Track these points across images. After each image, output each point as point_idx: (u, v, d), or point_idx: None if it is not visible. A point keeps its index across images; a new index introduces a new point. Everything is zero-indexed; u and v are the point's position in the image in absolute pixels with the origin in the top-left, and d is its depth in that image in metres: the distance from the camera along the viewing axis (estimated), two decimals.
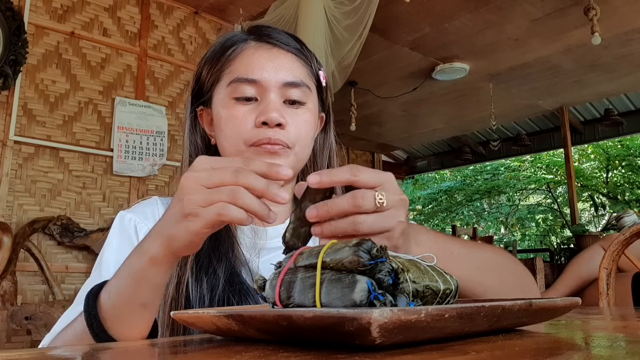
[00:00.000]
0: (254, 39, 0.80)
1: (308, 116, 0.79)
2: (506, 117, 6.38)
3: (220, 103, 0.79)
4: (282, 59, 0.79)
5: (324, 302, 0.41)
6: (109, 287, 0.60)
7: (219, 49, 0.82)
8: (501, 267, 0.72)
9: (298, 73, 0.79)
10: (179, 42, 3.73)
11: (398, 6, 3.52)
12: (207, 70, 0.82)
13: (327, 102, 0.88)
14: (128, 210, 0.81)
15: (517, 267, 0.75)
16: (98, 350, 0.46)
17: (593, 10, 3.36)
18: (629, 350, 0.36)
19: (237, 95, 0.77)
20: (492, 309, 0.39)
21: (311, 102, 0.81)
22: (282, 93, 0.77)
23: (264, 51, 0.79)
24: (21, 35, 2.96)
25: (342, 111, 5.03)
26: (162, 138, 3.45)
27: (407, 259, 0.46)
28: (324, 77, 0.85)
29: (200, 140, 0.84)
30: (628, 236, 1.42)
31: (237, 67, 0.78)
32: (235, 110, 0.76)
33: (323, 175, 0.50)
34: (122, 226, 0.78)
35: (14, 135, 2.94)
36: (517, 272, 0.74)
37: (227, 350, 0.39)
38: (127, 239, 0.77)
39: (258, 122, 0.74)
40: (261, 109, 0.75)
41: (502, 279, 0.71)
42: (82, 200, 3.18)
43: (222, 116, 0.78)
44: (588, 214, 11.10)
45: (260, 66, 0.77)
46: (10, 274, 2.59)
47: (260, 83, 0.76)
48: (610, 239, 2.22)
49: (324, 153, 0.89)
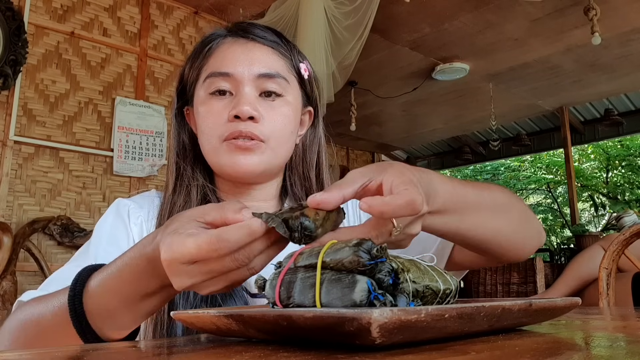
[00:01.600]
0: (231, 35, 0.81)
1: (285, 109, 0.78)
2: (506, 117, 6.38)
3: (199, 100, 0.79)
4: (257, 52, 0.78)
5: (324, 302, 0.41)
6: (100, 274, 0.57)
7: (199, 47, 0.82)
8: (508, 207, 0.69)
9: (274, 65, 0.78)
10: (179, 42, 3.73)
11: (398, 6, 3.51)
12: (189, 68, 0.82)
13: (313, 96, 0.87)
14: (125, 199, 0.82)
15: (519, 204, 0.73)
16: (97, 350, 0.46)
17: (593, 10, 3.36)
18: (629, 350, 0.36)
19: (212, 90, 0.77)
20: (492, 309, 0.39)
21: (290, 95, 0.80)
22: (256, 85, 0.76)
23: (239, 45, 0.79)
24: (21, 35, 2.95)
25: (342, 111, 5.03)
26: (161, 139, 3.45)
27: (407, 259, 0.47)
28: (305, 69, 0.84)
29: (188, 140, 0.84)
30: (628, 236, 1.42)
31: (212, 62, 0.78)
32: (211, 106, 0.76)
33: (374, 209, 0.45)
34: (118, 210, 0.79)
35: (14, 135, 2.94)
36: (520, 209, 0.72)
37: (227, 350, 0.39)
38: (120, 221, 0.78)
39: (230, 115, 0.74)
40: (234, 102, 0.75)
41: (508, 218, 0.69)
42: (82, 200, 3.18)
43: (200, 112, 0.78)
44: (588, 214, 11.09)
45: (234, 59, 0.77)
46: (10, 274, 2.59)
47: (233, 76, 0.76)
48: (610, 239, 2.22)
49: (313, 148, 0.88)
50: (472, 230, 0.63)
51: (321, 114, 0.90)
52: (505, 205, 0.68)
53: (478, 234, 0.64)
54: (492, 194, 0.67)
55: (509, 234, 0.68)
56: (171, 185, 0.80)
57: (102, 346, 0.50)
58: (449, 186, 0.59)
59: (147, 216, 0.80)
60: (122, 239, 0.76)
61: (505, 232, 0.67)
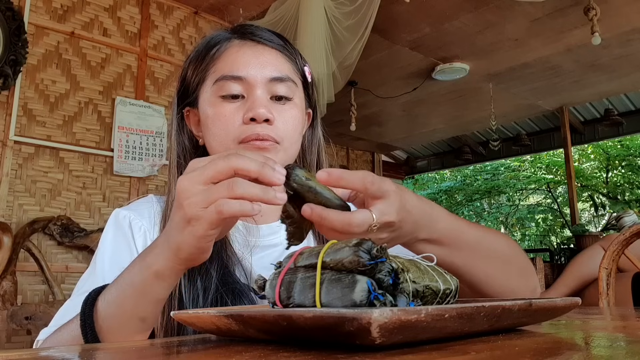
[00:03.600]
0: (238, 37, 0.81)
1: (295, 111, 0.79)
2: (506, 117, 6.38)
3: (207, 102, 0.78)
4: (267, 55, 0.79)
5: (324, 302, 0.41)
6: (107, 296, 0.60)
7: (202, 49, 0.81)
8: (508, 257, 0.71)
9: (283, 68, 0.79)
10: (179, 42, 3.73)
11: (398, 6, 3.52)
12: (192, 70, 0.82)
13: (313, 98, 0.88)
14: (123, 208, 0.81)
15: (520, 257, 0.74)
16: (97, 349, 0.46)
17: (593, 10, 3.36)
18: (629, 350, 0.36)
19: (224, 93, 0.76)
20: (492, 309, 0.39)
21: (297, 98, 0.81)
22: (268, 89, 0.77)
23: (248, 48, 0.79)
24: (21, 35, 2.95)
25: (342, 111, 5.03)
26: (161, 139, 3.45)
27: (407, 259, 0.47)
28: (309, 72, 0.86)
29: (187, 142, 0.84)
30: (628, 236, 1.42)
31: (222, 66, 0.78)
32: (223, 109, 0.76)
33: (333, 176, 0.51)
34: (117, 223, 0.78)
35: (14, 135, 2.94)
36: (520, 263, 0.73)
37: (227, 350, 0.39)
38: (121, 235, 0.77)
39: (246, 118, 0.74)
40: (248, 105, 0.75)
41: (506, 269, 0.70)
42: (82, 200, 3.18)
43: (209, 115, 0.77)
44: (588, 214, 11.10)
45: (246, 63, 0.77)
46: (10, 274, 2.59)
47: (246, 80, 0.76)
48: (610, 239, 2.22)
49: (313, 149, 0.89)
50: (464, 267, 0.65)
51: (320, 115, 0.91)
52: (506, 255, 0.70)
53: (471, 272, 0.66)
54: (494, 240, 0.69)
55: (502, 282, 0.69)
56: (174, 187, 0.80)
57: (101, 346, 0.50)
58: (451, 221, 0.62)
59: (150, 224, 0.79)
60: (125, 253, 0.75)
61: (498, 280, 0.68)
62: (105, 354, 0.43)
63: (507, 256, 0.71)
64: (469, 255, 0.64)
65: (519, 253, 0.73)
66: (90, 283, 0.71)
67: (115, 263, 0.72)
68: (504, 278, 0.69)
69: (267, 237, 0.80)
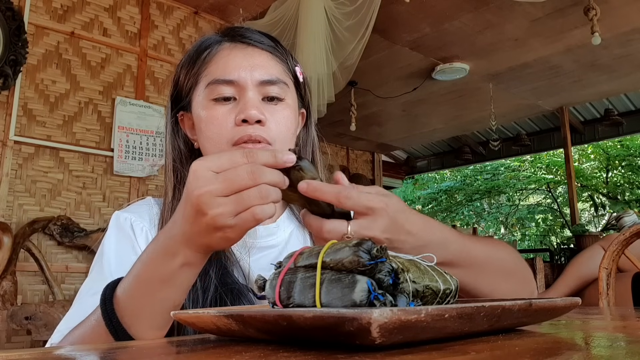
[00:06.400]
0: (228, 40, 0.81)
1: (287, 112, 0.80)
2: (506, 117, 6.38)
3: (200, 106, 0.79)
4: (257, 58, 0.79)
5: (324, 302, 0.41)
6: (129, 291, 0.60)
7: (194, 53, 0.82)
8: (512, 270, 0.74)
9: (274, 71, 0.80)
10: (179, 42, 3.73)
11: (398, 6, 3.51)
12: (185, 74, 0.82)
13: (306, 98, 0.89)
14: (122, 210, 0.82)
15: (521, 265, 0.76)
16: (97, 349, 0.46)
17: (593, 10, 3.36)
18: (629, 350, 0.36)
19: (216, 97, 0.77)
20: (492, 309, 0.39)
21: (290, 98, 0.81)
22: (259, 91, 0.78)
23: (239, 51, 0.79)
24: (21, 35, 2.95)
25: (342, 111, 5.03)
26: (161, 139, 3.44)
27: (407, 259, 0.47)
28: (300, 73, 0.86)
29: (183, 145, 0.84)
30: (628, 236, 1.42)
31: (213, 69, 0.78)
32: (215, 111, 0.77)
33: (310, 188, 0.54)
34: (119, 225, 0.79)
35: (14, 135, 2.94)
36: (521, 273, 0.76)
37: (227, 350, 0.39)
38: (124, 237, 0.78)
39: (238, 120, 0.75)
40: (240, 107, 0.76)
41: (510, 282, 0.72)
42: (82, 200, 3.18)
43: (202, 118, 0.78)
44: (588, 214, 11.10)
45: (236, 66, 0.77)
46: (10, 274, 2.59)
47: (237, 83, 0.77)
48: (610, 239, 2.22)
49: (307, 149, 0.90)
50: (472, 284, 0.67)
51: (313, 114, 0.92)
52: (509, 266, 0.73)
53: (477, 288, 0.68)
54: (498, 253, 0.71)
55: (505, 293, 0.72)
56: (170, 191, 0.80)
57: (101, 346, 0.50)
58: (460, 241, 0.64)
59: (150, 225, 0.79)
60: (130, 255, 0.75)
61: (502, 290, 0.71)
62: (105, 353, 0.43)
63: (509, 267, 0.73)
64: (476, 271, 0.67)
65: (518, 262, 0.75)
66: (99, 285, 0.71)
67: (121, 265, 0.73)
68: (506, 287, 0.71)
69: (264, 239, 0.81)
